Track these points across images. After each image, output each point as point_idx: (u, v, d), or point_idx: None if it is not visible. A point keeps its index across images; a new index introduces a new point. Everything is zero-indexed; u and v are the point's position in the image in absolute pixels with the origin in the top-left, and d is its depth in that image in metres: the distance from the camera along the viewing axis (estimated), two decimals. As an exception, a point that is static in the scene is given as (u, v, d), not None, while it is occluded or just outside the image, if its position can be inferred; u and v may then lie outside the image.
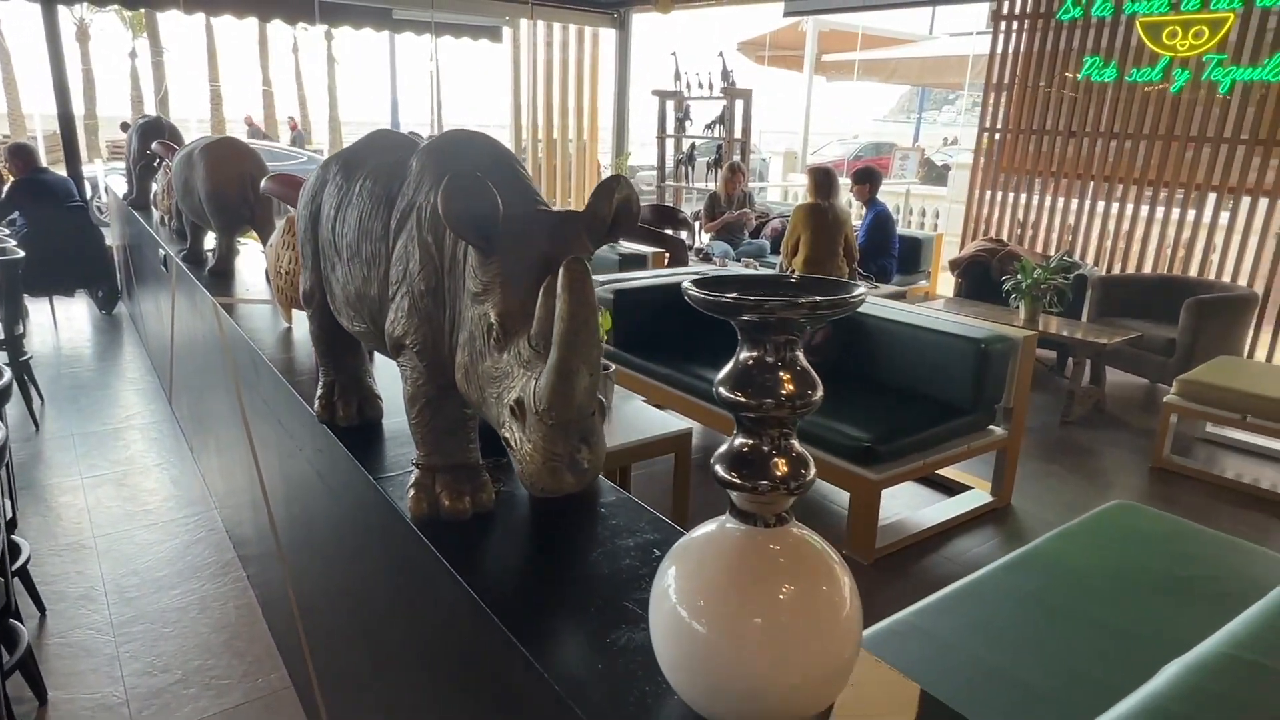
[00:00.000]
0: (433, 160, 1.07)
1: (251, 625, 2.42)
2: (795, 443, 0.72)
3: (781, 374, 0.69)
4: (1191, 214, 5.13)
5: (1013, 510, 3.20)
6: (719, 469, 0.73)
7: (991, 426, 3.12)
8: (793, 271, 3.77)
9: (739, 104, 7.90)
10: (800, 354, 0.70)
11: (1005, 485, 3.20)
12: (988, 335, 3.01)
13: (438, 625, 1.16)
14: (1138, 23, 5.00)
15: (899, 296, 5.29)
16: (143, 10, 13.28)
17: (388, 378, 1.44)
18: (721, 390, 0.71)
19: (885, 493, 2.79)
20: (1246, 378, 3.57)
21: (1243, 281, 4.84)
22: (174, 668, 2.23)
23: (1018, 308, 4.36)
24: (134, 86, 23.33)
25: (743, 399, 0.69)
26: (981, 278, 5.18)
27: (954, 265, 5.49)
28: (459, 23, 8.84)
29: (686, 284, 0.69)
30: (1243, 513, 3.28)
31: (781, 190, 11.81)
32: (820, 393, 0.71)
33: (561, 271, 0.80)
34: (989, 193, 6.05)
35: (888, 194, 9.58)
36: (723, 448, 0.73)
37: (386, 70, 9.88)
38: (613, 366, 2.92)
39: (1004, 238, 5.80)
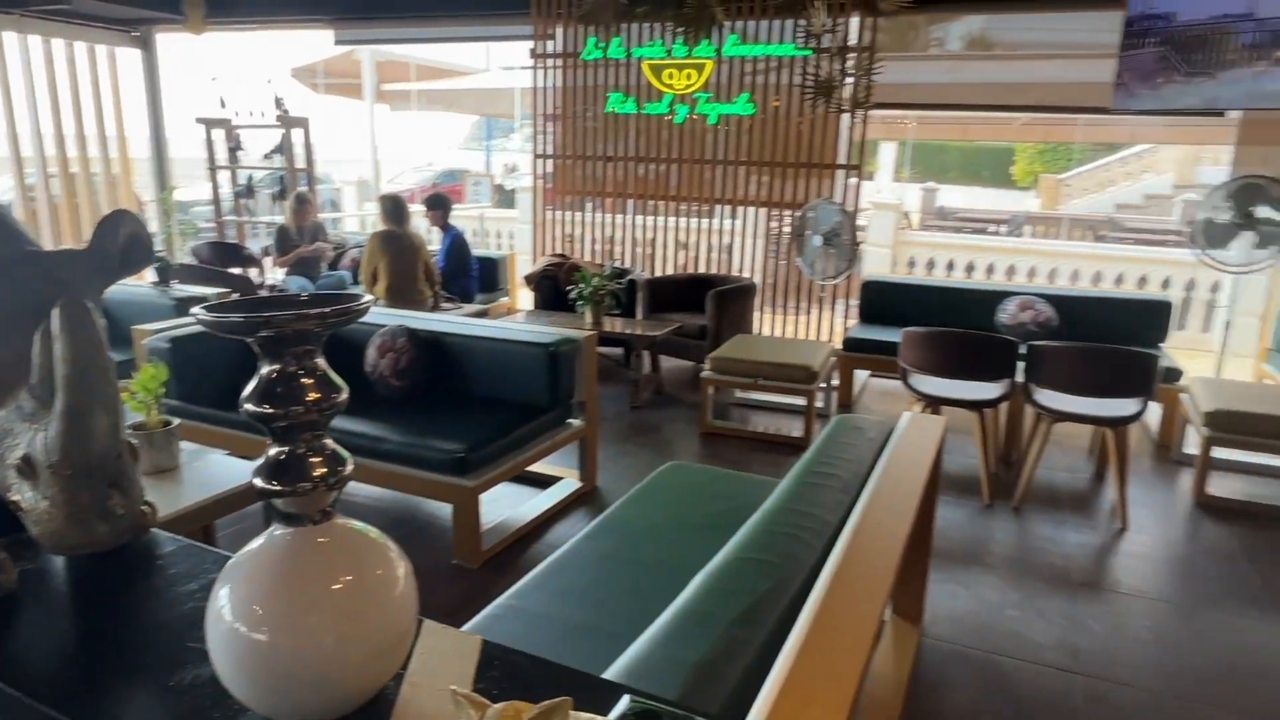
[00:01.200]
0: None
1: None
2: (329, 441, 0.79)
3: (305, 380, 0.75)
4: (707, 222, 6.24)
5: (599, 490, 3.60)
6: (258, 481, 0.77)
7: (570, 420, 3.48)
8: (376, 299, 3.75)
9: (297, 132, 7.56)
10: (321, 361, 0.77)
11: (589, 470, 3.59)
12: (555, 339, 3.35)
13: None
14: (644, 64, 5.92)
15: (482, 314, 5.57)
16: None
17: None
18: (249, 406, 0.75)
19: (484, 497, 2.96)
20: (755, 350, 4.47)
21: (746, 274, 6.01)
22: None
23: (584, 313, 4.89)
24: None
25: (270, 410, 0.74)
26: (553, 290, 5.69)
27: (528, 280, 5.93)
28: (-91, 32, 7.05)
29: (197, 310, 0.72)
30: (765, 456, 4.11)
31: (358, 219, 11.52)
32: (345, 394, 0.79)
33: (56, 313, 0.77)
34: (550, 212, 6.65)
35: (465, 218, 9.93)
36: (259, 461, 0.77)
37: None
38: (176, 421, 2.66)
39: (567, 252, 6.43)
